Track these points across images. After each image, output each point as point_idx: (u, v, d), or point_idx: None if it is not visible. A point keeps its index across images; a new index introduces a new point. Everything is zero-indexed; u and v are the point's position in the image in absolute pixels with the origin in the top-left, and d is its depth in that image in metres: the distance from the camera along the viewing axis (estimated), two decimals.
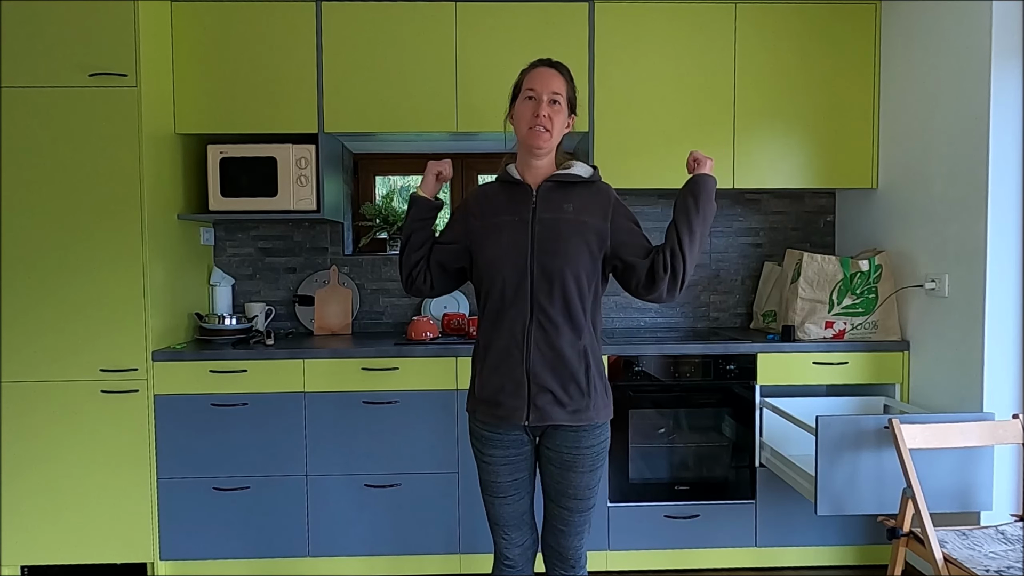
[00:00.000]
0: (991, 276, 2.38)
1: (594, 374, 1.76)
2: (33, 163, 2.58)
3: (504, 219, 1.76)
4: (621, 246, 1.76)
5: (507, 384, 1.73)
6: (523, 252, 1.72)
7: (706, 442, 2.80)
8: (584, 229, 1.74)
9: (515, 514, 1.84)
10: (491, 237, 1.76)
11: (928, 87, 2.67)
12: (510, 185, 1.80)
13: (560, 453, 1.79)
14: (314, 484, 2.70)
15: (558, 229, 1.73)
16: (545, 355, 1.72)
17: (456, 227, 1.85)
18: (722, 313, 3.37)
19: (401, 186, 3.57)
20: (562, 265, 1.70)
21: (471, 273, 1.86)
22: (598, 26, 2.91)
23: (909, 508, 2.08)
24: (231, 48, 2.87)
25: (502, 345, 1.74)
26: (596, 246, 1.74)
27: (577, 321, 1.73)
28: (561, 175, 1.79)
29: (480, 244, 1.78)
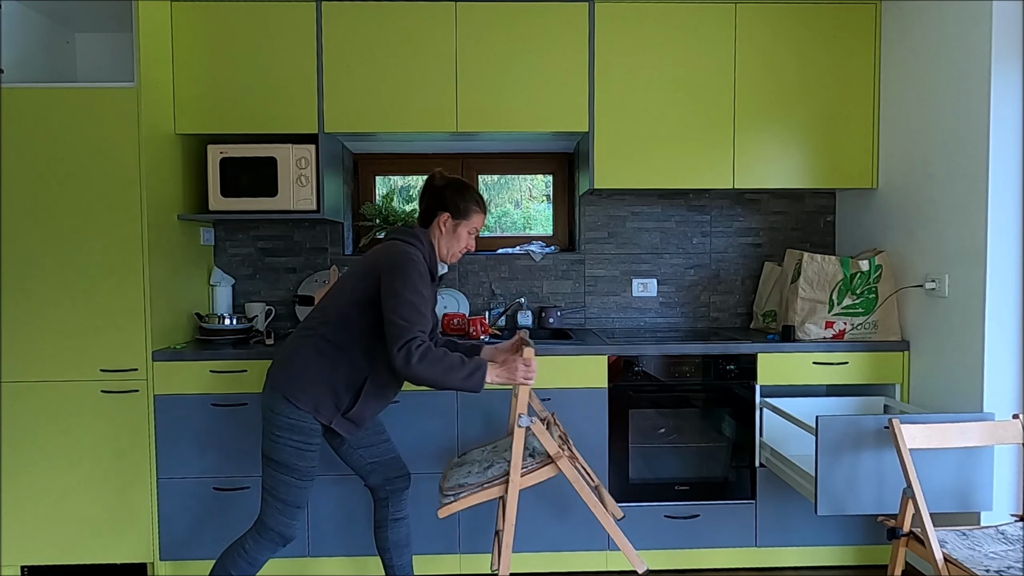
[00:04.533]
0: (991, 276, 2.38)
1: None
2: (33, 163, 2.58)
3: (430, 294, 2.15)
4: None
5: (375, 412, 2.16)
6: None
7: (706, 442, 2.80)
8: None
9: (308, 498, 2.14)
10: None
11: (928, 87, 2.67)
12: (428, 271, 2.16)
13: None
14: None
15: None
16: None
17: (430, 303, 2.14)
18: (722, 313, 3.37)
19: (401, 186, 3.57)
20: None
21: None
22: (598, 26, 2.92)
23: (909, 508, 2.08)
24: (231, 48, 2.87)
25: (387, 382, 2.12)
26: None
27: None
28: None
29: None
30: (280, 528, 2.08)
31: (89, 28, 3.10)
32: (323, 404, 2.04)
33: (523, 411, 2.05)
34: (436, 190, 2.20)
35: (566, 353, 2.72)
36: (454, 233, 2.19)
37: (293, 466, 2.05)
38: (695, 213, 3.34)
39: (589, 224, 3.33)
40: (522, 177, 3.59)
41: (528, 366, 2.06)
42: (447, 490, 2.10)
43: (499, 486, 2.07)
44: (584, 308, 3.35)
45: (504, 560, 2.08)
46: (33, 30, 2.88)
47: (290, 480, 2.05)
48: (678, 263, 3.35)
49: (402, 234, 2.16)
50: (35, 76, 2.85)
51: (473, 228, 2.21)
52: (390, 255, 2.06)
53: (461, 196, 2.18)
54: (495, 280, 3.33)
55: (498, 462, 2.18)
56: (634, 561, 2.13)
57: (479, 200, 2.22)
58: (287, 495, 2.06)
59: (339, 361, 2.05)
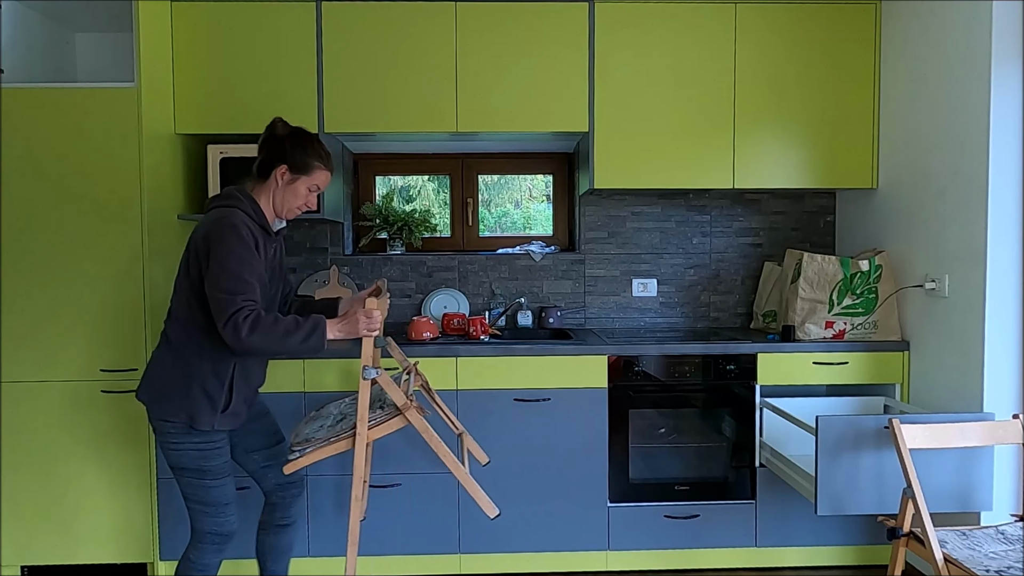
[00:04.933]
0: (991, 276, 2.38)
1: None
2: (33, 163, 2.58)
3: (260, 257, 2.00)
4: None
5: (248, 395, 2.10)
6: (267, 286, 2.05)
7: (706, 442, 2.80)
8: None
9: (234, 490, 2.08)
10: (263, 272, 1.99)
11: (928, 87, 2.67)
12: (263, 229, 2.03)
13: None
14: (314, 484, 2.70)
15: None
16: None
17: (258, 267, 1.96)
18: (722, 313, 3.37)
19: (401, 186, 3.57)
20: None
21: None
22: (598, 26, 2.91)
23: (909, 508, 2.08)
24: (231, 48, 2.87)
25: (250, 363, 2.05)
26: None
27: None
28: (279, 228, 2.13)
29: (261, 276, 1.98)
30: (214, 529, 2.02)
31: (89, 28, 3.10)
32: (198, 411, 1.93)
33: (367, 363, 2.00)
34: (276, 140, 2.04)
35: (566, 353, 2.72)
36: (292, 187, 2.03)
37: (202, 468, 1.96)
38: (695, 213, 3.34)
39: (589, 224, 3.33)
40: (522, 177, 3.59)
41: (370, 317, 1.97)
42: (295, 445, 2.03)
43: (347, 439, 2.01)
44: (584, 308, 3.35)
45: (354, 512, 2.03)
46: (33, 30, 2.88)
47: (204, 483, 1.97)
48: (678, 263, 3.35)
49: (221, 199, 2.00)
50: (35, 76, 2.84)
51: (314, 185, 2.06)
52: (206, 226, 1.91)
53: (303, 149, 2.03)
54: (495, 280, 3.33)
55: (351, 414, 2.11)
56: (485, 506, 2.09)
57: (323, 155, 2.07)
58: (207, 497, 1.99)
59: (199, 361, 1.94)
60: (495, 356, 2.71)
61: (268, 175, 2.03)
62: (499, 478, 2.72)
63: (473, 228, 3.52)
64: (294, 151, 2.02)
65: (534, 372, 2.71)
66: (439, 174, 3.55)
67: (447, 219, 3.54)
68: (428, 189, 3.59)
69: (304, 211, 2.10)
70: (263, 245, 1.98)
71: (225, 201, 1.98)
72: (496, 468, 2.72)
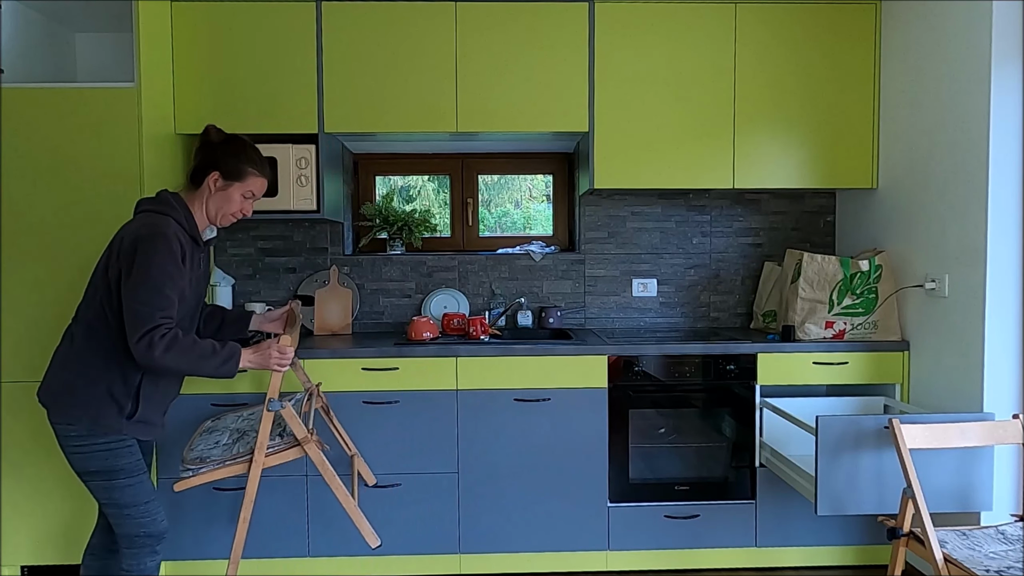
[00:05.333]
0: (991, 276, 2.38)
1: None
2: (33, 163, 2.58)
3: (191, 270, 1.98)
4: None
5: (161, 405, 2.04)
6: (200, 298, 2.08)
7: (706, 442, 2.80)
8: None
9: (152, 486, 2.02)
10: (186, 285, 1.95)
11: (928, 87, 2.67)
12: (192, 240, 1.99)
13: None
14: (314, 484, 2.70)
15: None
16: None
17: (180, 281, 1.92)
18: (722, 313, 3.37)
19: (401, 186, 3.57)
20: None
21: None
22: (598, 26, 2.91)
23: (909, 508, 2.08)
24: (231, 48, 2.87)
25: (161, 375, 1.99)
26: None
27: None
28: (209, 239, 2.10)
29: (183, 291, 1.94)
30: (142, 531, 1.93)
31: (89, 28, 3.10)
32: (102, 414, 1.87)
33: (274, 396, 2.03)
34: (209, 146, 2.02)
35: (566, 353, 2.72)
36: (226, 194, 2.00)
37: (112, 469, 1.88)
38: (695, 213, 3.34)
39: (589, 224, 3.33)
40: (522, 177, 3.59)
41: (283, 353, 2.00)
42: (188, 462, 2.02)
43: (243, 464, 2.03)
44: (584, 308, 3.35)
45: (239, 536, 2.06)
46: (33, 30, 2.88)
47: (118, 484, 1.89)
48: (678, 263, 3.35)
49: (151, 203, 1.96)
50: (35, 76, 2.84)
51: (249, 192, 2.03)
52: (135, 231, 1.86)
53: (236, 155, 2.01)
54: (495, 280, 3.33)
55: (249, 434, 2.13)
56: (368, 536, 2.12)
57: (258, 161, 2.04)
58: (125, 498, 1.91)
59: (106, 366, 1.88)
60: (495, 356, 2.71)
61: (201, 182, 2.00)
62: (499, 478, 2.72)
63: (473, 228, 3.52)
64: (227, 157, 2.00)
65: (534, 372, 2.71)
66: (439, 174, 3.55)
67: (447, 219, 3.54)
68: (428, 189, 3.59)
69: (239, 218, 2.07)
70: (190, 256, 1.95)
71: (158, 207, 1.94)
72: (496, 468, 2.72)
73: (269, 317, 2.32)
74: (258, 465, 2.03)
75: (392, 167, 3.52)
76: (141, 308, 1.80)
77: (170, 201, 1.95)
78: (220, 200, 2.01)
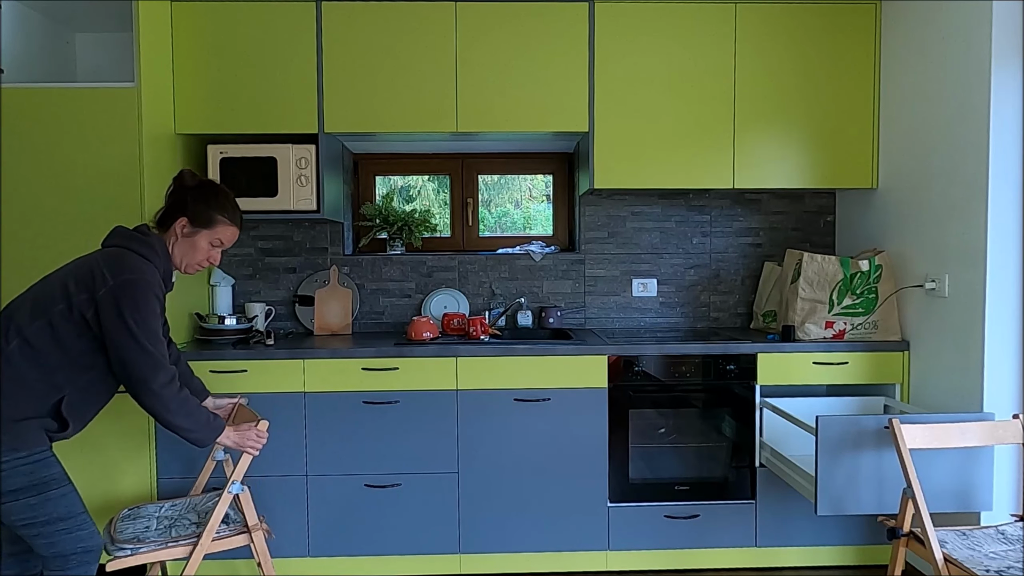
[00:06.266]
0: (991, 276, 2.38)
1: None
2: (33, 163, 2.58)
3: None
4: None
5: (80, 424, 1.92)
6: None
7: (706, 442, 2.80)
8: None
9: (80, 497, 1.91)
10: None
11: (928, 87, 2.67)
12: (164, 285, 1.96)
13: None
14: (314, 484, 2.70)
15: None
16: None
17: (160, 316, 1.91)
18: (722, 313, 3.37)
19: (401, 186, 3.57)
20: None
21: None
22: (598, 26, 2.91)
23: (909, 508, 2.08)
24: (231, 48, 2.87)
25: (91, 398, 1.91)
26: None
27: None
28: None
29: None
30: (80, 546, 1.81)
31: (89, 28, 3.10)
32: (23, 428, 1.74)
33: (237, 479, 2.06)
34: (181, 190, 1.97)
35: (566, 353, 2.72)
36: (192, 241, 1.96)
37: (41, 482, 1.75)
38: (695, 213, 3.34)
39: (589, 224, 3.33)
40: (522, 177, 3.59)
41: (261, 436, 2.07)
42: (122, 542, 1.99)
43: (185, 547, 2.03)
44: (584, 308, 3.35)
45: None
46: (33, 30, 2.88)
47: (49, 496, 1.76)
48: (678, 263, 3.35)
49: (137, 243, 1.89)
50: (35, 76, 2.84)
51: (217, 240, 1.99)
52: (124, 274, 1.80)
53: (206, 202, 1.96)
54: (495, 280, 3.33)
55: (182, 522, 2.15)
56: None
57: (230, 209, 1.99)
58: (58, 511, 1.77)
59: (38, 383, 1.78)
60: (495, 356, 2.71)
61: (169, 226, 1.96)
62: (499, 478, 2.72)
63: (473, 228, 3.52)
64: (197, 203, 1.96)
65: (534, 372, 2.71)
66: (439, 174, 3.55)
67: (447, 219, 3.54)
68: (428, 189, 3.59)
69: (204, 268, 2.03)
70: (162, 301, 1.92)
71: (143, 249, 1.89)
72: (496, 468, 2.72)
73: (218, 405, 2.34)
74: (203, 548, 2.02)
75: (392, 167, 3.52)
76: (152, 353, 1.79)
77: (155, 248, 1.91)
78: (186, 247, 1.97)
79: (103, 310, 1.78)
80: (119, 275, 1.80)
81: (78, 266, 1.86)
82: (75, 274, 1.83)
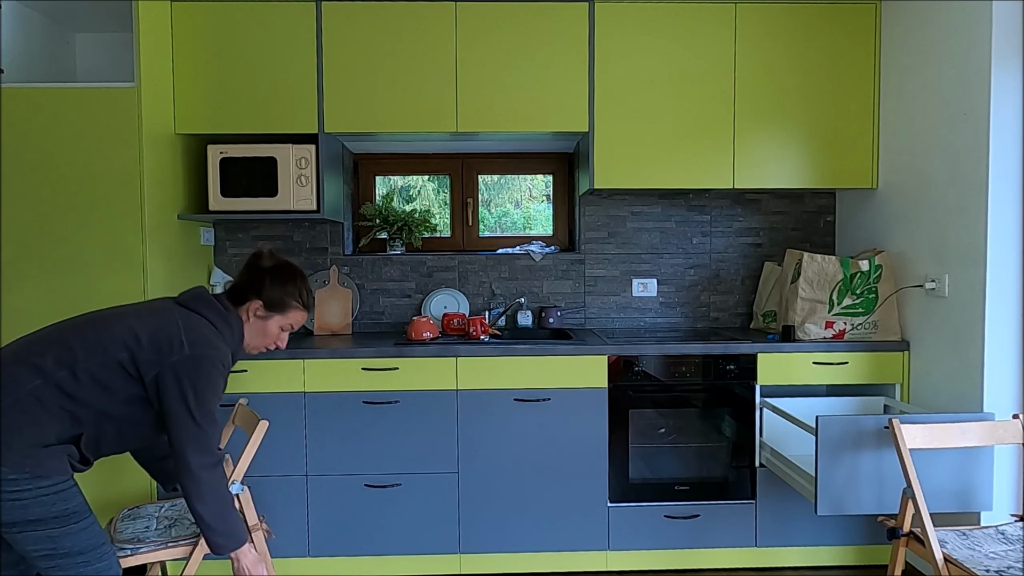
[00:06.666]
0: (991, 276, 2.38)
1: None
2: (33, 163, 2.58)
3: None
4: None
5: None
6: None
7: (706, 442, 2.80)
8: None
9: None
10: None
11: (928, 87, 2.66)
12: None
13: None
14: (314, 484, 2.70)
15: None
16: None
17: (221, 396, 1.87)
18: (722, 313, 3.37)
19: (401, 186, 3.57)
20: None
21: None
22: (598, 26, 2.91)
23: (909, 508, 2.08)
24: (231, 48, 2.87)
25: (110, 440, 1.83)
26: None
27: None
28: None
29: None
30: (113, 571, 1.77)
31: (89, 28, 3.10)
32: (46, 460, 1.66)
33: (239, 479, 2.06)
34: (258, 270, 1.91)
35: (566, 353, 2.72)
36: (263, 324, 1.91)
37: (63, 514, 1.67)
38: (695, 213, 3.34)
39: (589, 224, 3.33)
40: (522, 177, 3.59)
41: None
42: (122, 542, 1.99)
43: (184, 547, 2.02)
44: (584, 308, 3.35)
45: None
46: (33, 30, 2.88)
47: (69, 529, 1.68)
48: (678, 263, 3.35)
49: (219, 319, 1.84)
50: (35, 76, 2.85)
51: (288, 324, 1.94)
52: (201, 348, 1.75)
53: (283, 287, 1.90)
54: (495, 280, 3.33)
55: (182, 522, 2.15)
56: None
57: (303, 295, 1.94)
58: (79, 544, 1.70)
59: (64, 425, 1.70)
60: (495, 356, 2.71)
61: (241, 304, 1.90)
62: (499, 478, 2.72)
63: (473, 228, 3.52)
64: (273, 287, 1.90)
65: (534, 372, 2.71)
66: (439, 174, 3.55)
67: (447, 219, 3.54)
68: (428, 189, 3.59)
69: (271, 349, 1.99)
70: (226, 381, 1.88)
71: (223, 327, 1.84)
72: (496, 468, 2.72)
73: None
74: (203, 548, 2.00)
75: (392, 167, 3.52)
76: (204, 433, 1.74)
77: (233, 329, 1.86)
78: (257, 329, 1.91)
79: (168, 378, 1.73)
80: (196, 348, 1.75)
81: (155, 322, 1.78)
82: (148, 329, 1.76)
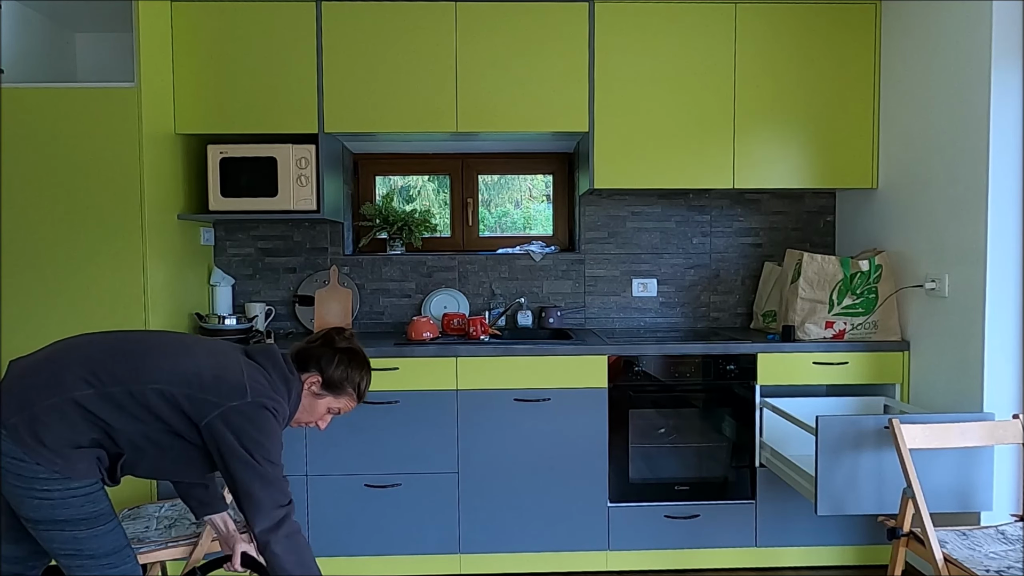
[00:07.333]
0: (991, 276, 2.38)
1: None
2: (33, 163, 2.58)
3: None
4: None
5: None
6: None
7: (706, 442, 2.80)
8: None
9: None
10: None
11: (928, 87, 2.67)
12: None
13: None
14: (314, 484, 2.70)
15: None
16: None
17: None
18: (722, 313, 3.37)
19: (401, 186, 3.57)
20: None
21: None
22: (598, 26, 2.91)
23: (909, 508, 2.08)
24: (231, 48, 2.87)
25: (146, 464, 1.77)
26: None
27: None
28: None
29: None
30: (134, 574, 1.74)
31: (89, 28, 3.10)
32: (79, 462, 1.63)
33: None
34: (330, 346, 1.85)
35: (566, 353, 2.72)
36: (314, 401, 1.85)
37: (92, 516, 1.65)
38: (695, 213, 3.34)
39: (589, 224, 3.33)
40: (522, 177, 3.59)
41: None
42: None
43: (185, 547, 2.02)
44: (584, 308, 3.35)
45: None
46: (33, 30, 2.88)
47: (96, 531, 1.67)
48: (678, 263, 3.35)
49: (284, 381, 1.78)
50: (35, 76, 2.85)
51: (337, 408, 1.89)
52: (261, 396, 1.69)
53: (347, 371, 1.84)
54: (495, 280, 3.33)
55: (182, 522, 2.15)
56: None
57: (362, 385, 1.89)
58: (103, 546, 1.68)
59: (112, 435, 1.66)
60: (495, 356, 2.71)
61: (303, 371, 1.83)
62: (499, 478, 2.72)
63: (473, 228, 3.52)
64: (338, 367, 1.83)
65: (534, 372, 2.71)
66: (439, 174, 3.55)
67: (447, 219, 3.54)
68: (428, 189, 3.59)
69: (310, 427, 1.93)
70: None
71: (283, 387, 1.78)
72: (496, 468, 2.72)
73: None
74: (203, 548, 2.01)
75: (392, 167, 3.52)
76: (273, 472, 1.69)
77: (291, 394, 1.79)
78: (307, 404, 1.84)
79: (228, 421, 1.67)
80: (258, 397, 1.70)
81: (220, 365, 1.72)
82: (214, 371, 1.70)
